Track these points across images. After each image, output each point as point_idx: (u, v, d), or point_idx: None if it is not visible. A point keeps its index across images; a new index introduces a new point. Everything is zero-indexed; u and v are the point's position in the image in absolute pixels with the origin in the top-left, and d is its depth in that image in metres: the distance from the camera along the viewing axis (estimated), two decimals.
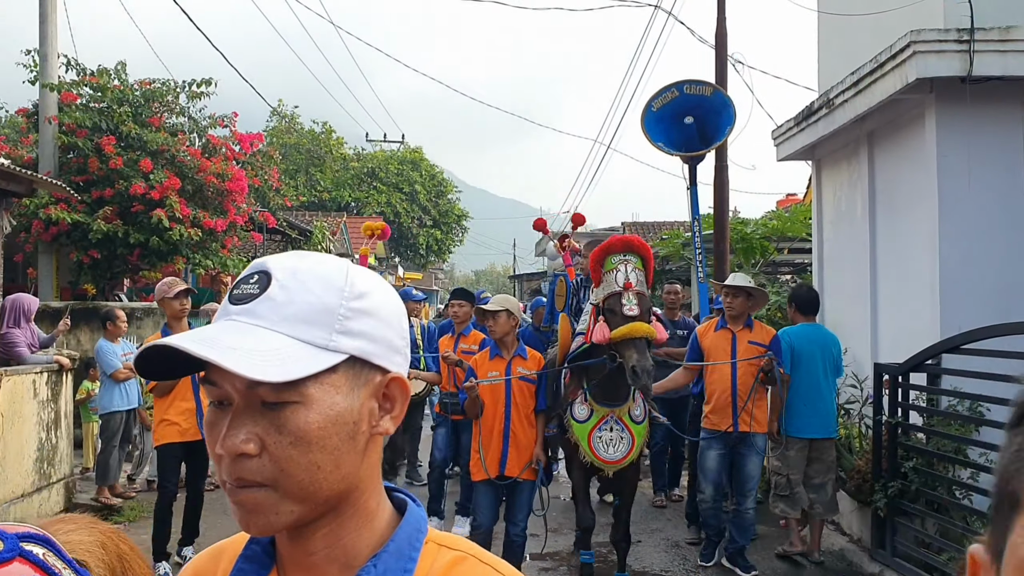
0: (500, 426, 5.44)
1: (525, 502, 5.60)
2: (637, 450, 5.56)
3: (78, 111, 12.02)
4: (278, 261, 1.02)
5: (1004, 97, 6.62)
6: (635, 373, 4.91)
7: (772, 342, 6.36)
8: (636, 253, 5.26)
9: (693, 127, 8.96)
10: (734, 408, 6.28)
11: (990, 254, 6.63)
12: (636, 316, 5.03)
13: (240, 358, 0.92)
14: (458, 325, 7.59)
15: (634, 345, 4.96)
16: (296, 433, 0.96)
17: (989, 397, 5.58)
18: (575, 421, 5.53)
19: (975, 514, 5.76)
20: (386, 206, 36.36)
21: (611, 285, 5.16)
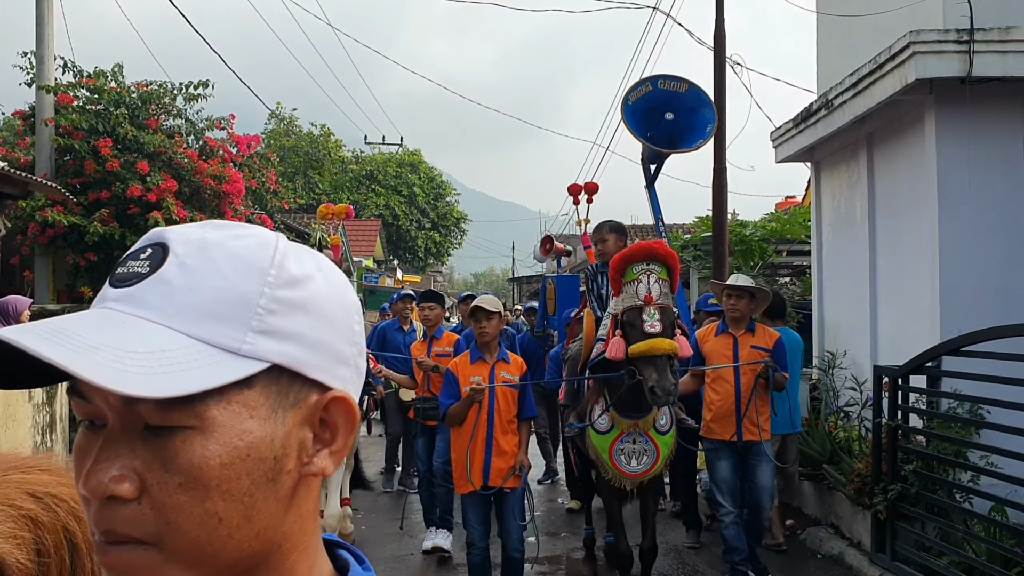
0: (483, 433, 5.12)
1: (514, 512, 5.30)
2: (663, 462, 5.30)
3: (75, 113, 11.98)
4: (182, 231, 0.77)
5: (1004, 98, 6.59)
6: (653, 394, 4.61)
7: (776, 346, 6.11)
8: (660, 262, 4.86)
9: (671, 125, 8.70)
10: (738, 416, 6.01)
11: (990, 256, 6.60)
12: (657, 333, 4.67)
13: (102, 363, 0.66)
14: (429, 328, 7.22)
15: (653, 364, 4.63)
16: (189, 471, 0.69)
17: (990, 400, 5.54)
18: (595, 432, 5.25)
19: (976, 517, 5.73)
20: (384, 209, 36.31)
21: (631, 297, 4.81)
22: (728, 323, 6.24)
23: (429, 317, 7.17)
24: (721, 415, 6.06)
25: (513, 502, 5.25)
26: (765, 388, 6.02)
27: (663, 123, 8.49)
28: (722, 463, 6.12)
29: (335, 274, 0.82)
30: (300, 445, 0.76)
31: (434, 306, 7.22)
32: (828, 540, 7.09)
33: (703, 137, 8.53)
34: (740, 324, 6.19)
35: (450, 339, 7.11)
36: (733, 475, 6.11)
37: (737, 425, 6.01)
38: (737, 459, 6.11)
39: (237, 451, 0.71)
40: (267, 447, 0.73)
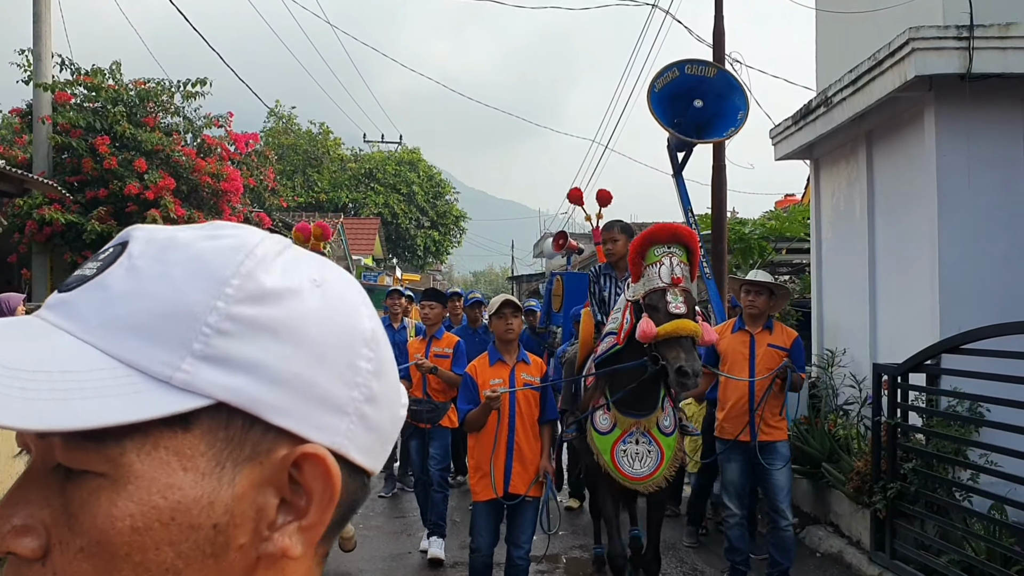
0: (504, 439, 4.87)
1: (530, 522, 5.02)
2: (667, 464, 4.99)
3: (72, 111, 11.95)
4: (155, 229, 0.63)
5: (1004, 95, 6.56)
6: (683, 373, 4.35)
7: (793, 345, 5.94)
8: (682, 244, 4.64)
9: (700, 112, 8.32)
10: (751, 417, 5.85)
11: (990, 254, 6.58)
12: (683, 314, 4.46)
13: None
14: (429, 328, 7.03)
15: (679, 345, 4.42)
16: (91, 532, 0.54)
17: (989, 398, 5.52)
18: (596, 433, 5.00)
19: (975, 516, 5.70)
20: (383, 207, 36.29)
21: (653, 280, 4.56)
22: (745, 320, 6.06)
23: (429, 316, 6.99)
24: (734, 414, 5.92)
25: (530, 511, 5.00)
26: (781, 388, 5.85)
27: (691, 110, 8.16)
28: (733, 465, 5.96)
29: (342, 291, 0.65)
30: (258, 513, 0.59)
31: (435, 305, 7.04)
32: (827, 539, 7.07)
33: (734, 125, 8.22)
34: (758, 321, 6.00)
35: (450, 340, 6.96)
36: (742, 477, 5.95)
37: (751, 425, 5.85)
38: (747, 461, 5.91)
39: (157, 512, 0.54)
40: (203, 511, 0.56)
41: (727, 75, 8.53)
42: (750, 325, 6.01)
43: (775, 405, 5.88)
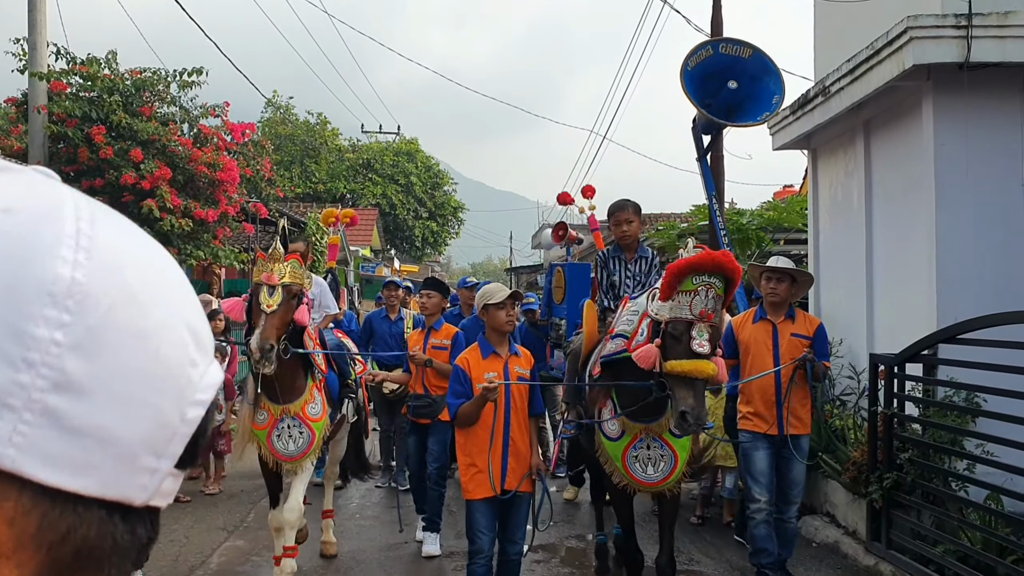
0: (500, 434, 4.71)
1: (523, 517, 4.93)
2: (682, 467, 4.83)
3: (68, 100, 11.88)
4: None
5: (1002, 84, 6.54)
6: (683, 418, 4.15)
7: (816, 333, 5.81)
8: (723, 276, 4.28)
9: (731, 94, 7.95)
10: (779, 408, 5.70)
11: (988, 244, 6.56)
12: (704, 355, 4.18)
13: None
14: (428, 318, 6.81)
15: (692, 387, 4.17)
16: None
17: (986, 388, 5.51)
18: (606, 439, 4.86)
19: (971, 506, 5.70)
20: (381, 198, 36.23)
21: (682, 309, 4.25)
22: (767, 309, 5.86)
23: (427, 306, 6.77)
24: (761, 407, 5.78)
25: (524, 506, 4.90)
26: (804, 379, 5.69)
27: (723, 91, 7.82)
28: (760, 454, 5.80)
29: (35, 225, 0.46)
30: None
31: (432, 294, 6.79)
32: (823, 529, 7.07)
33: (768, 109, 7.85)
34: (779, 310, 5.81)
35: (449, 331, 6.76)
36: (771, 468, 5.81)
37: (778, 418, 5.72)
38: (775, 451, 5.80)
39: None
40: None
41: (763, 56, 8.10)
42: (772, 314, 5.82)
43: (802, 396, 5.75)
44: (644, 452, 4.74)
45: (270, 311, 4.95)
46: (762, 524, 5.73)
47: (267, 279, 5.01)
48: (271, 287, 5.00)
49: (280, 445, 5.39)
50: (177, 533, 7.24)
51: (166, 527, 7.36)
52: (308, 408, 5.47)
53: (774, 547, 5.75)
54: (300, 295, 5.21)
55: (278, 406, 5.37)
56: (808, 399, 5.82)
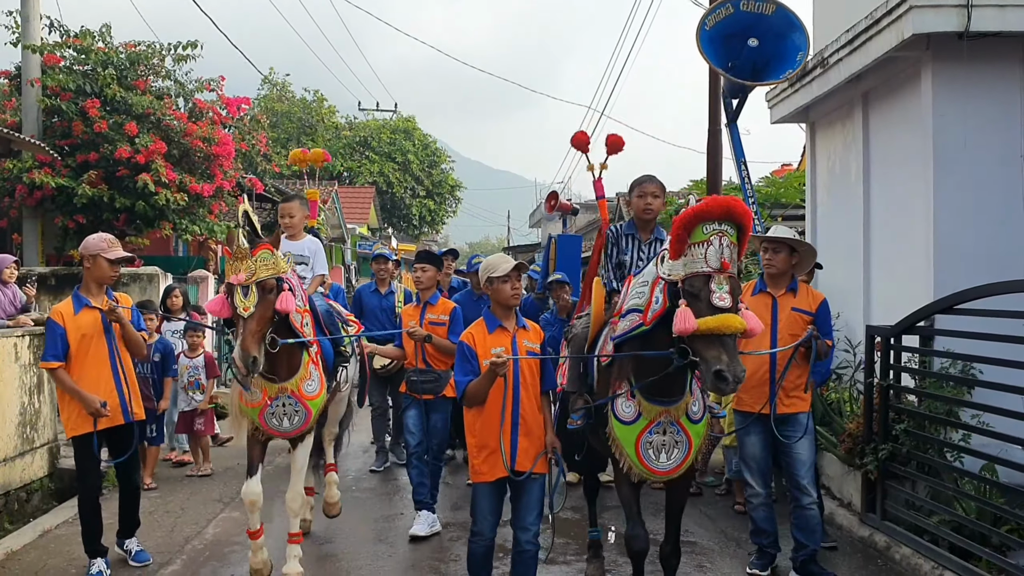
0: (510, 412, 4.39)
1: (536, 501, 4.53)
2: (695, 455, 4.49)
3: (61, 73, 11.83)
4: None
5: (1002, 54, 6.50)
6: (721, 378, 3.76)
7: (819, 309, 5.46)
8: (735, 222, 3.96)
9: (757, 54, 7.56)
10: (772, 387, 5.38)
11: (985, 215, 6.55)
12: (727, 308, 3.85)
13: None
14: (423, 292, 6.53)
15: (721, 344, 3.81)
16: None
17: (982, 358, 5.51)
18: (618, 422, 4.44)
19: (966, 476, 5.71)
20: (378, 176, 36.12)
21: (698, 262, 3.91)
22: (767, 281, 5.55)
23: (422, 280, 6.51)
24: (753, 384, 5.37)
25: (536, 490, 4.52)
26: (805, 357, 5.32)
27: (746, 51, 7.42)
28: (752, 438, 5.51)
29: None
30: None
31: (427, 267, 6.54)
32: None
33: (792, 66, 7.42)
34: (780, 283, 5.49)
35: (446, 306, 6.52)
36: (764, 452, 5.52)
37: (771, 396, 5.38)
38: (769, 434, 5.43)
39: None
40: None
41: (787, 12, 7.65)
42: (772, 287, 5.50)
43: (799, 375, 5.38)
44: (659, 438, 4.36)
45: (247, 315, 4.66)
46: (760, 507, 5.55)
47: (236, 280, 4.70)
48: (244, 288, 4.70)
49: (274, 422, 5.18)
50: (173, 504, 7.25)
51: (162, 499, 7.40)
52: (305, 386, 5.20)
53: (774, 528, 5.56)
54: (279, 285, 4.86)
55: (274, 385, 5.10)
56: (806, 374, 5.41)
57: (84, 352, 5.37)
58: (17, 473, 7.17)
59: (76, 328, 5.34)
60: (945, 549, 5.52)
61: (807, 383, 5.42)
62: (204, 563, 5.85)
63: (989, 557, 5.17)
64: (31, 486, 7.40)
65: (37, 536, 6.37)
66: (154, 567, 5.72)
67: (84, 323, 5.37)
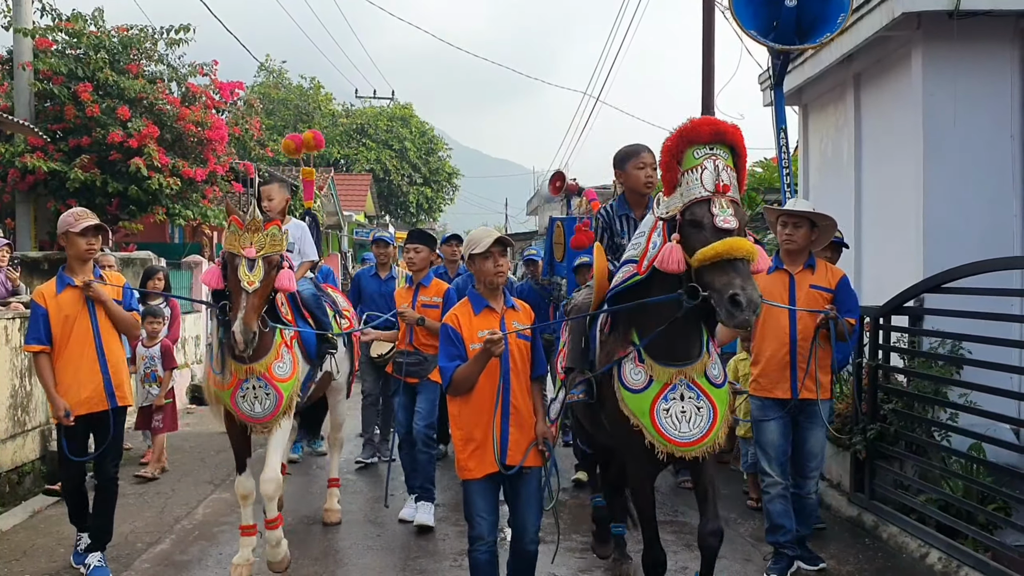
0: (500, 400, 4.02)
1: (534, 496, 4.13)
2: (722, 422, 3.95)
3: (53, 57, 11.79)
4: None
5: (992, 33, 6.49)
6: (736, 304, 3.36)
7: (839, 286, 5.15)
8: (727, 145, 3.62)
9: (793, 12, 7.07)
10: (792, 370, 5.07)
11: (975, 194, 6.55)
12: (733, 230, 3.50)
13: None
14: (416, 274, 6.38)
15: (733, 268, 3.43)
16: None
17: (970, 336, 5.50)
18: (627, 391, 3.95)
19: (954, 454, 5.72)
20: (375, 163, 36.08)
21: (694, 188, 3.57)
22: (783, 258, 5.22)
23: (414, 261, 6.36)
24: (773, 368, 5.14)
25: (533, 484, 4.13)
26: (826, 339, 5.02)
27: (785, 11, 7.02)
28: (771, 424, 5.16)
29: None
30: None
31: (420, 248, 6.38)
32: None
33: (831, 28, 6.97)
34: (797, 260, 5.16)
35: (439, 288, 6.34)
36: (783, 439, 5.18)
37: (792, 380, 5.08)
38: (789, 421, 5.17)
39: None
40: None
41: None
42: (789, 264, 5.17)
43: (821, 357, 5.08)
44: (677, 404, 3.87)
45: (251, 289, 4.57)
46: (777, 499, 5.18)
47: (247, 253, 4.60)
48: (250, 261, 4.60)
49: (245, 406, 4.98)
50: (164, 486, 7.26)
51: (153, 480, 7.39)
52: (275, 367, 5.00)
53: (792, 523, 5.20)
54: (280, 263, 4.80)
55: (242, 365, 4.90)
56: (828, 357, 5.10)
57: (67, 333, 5.12)
58: (8, 455, 7.16)
59: (58, 309, 5.10)
60: (932, 528, 5.53)
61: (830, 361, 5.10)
62: (193, 543, 5.87)
63: (975, 535, 5.19)
64: (23, 468, 7.38)
65: (27, 516, 6.38)
66: (142, 547, 5.73)
67: (66, 303, 5.11)
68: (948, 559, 5.17)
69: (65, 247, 5.26)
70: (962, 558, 5.08)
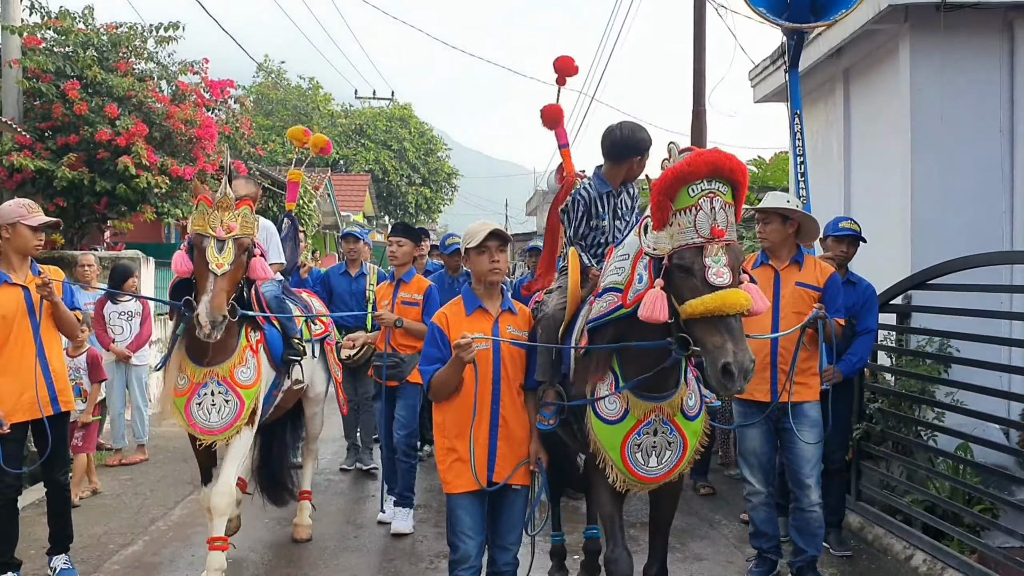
0: (487, 410, 3.75)
1: (518, 517, 3.89)
2: (689, 457, 3.73)
3: (41, 55, 11.69)
4: None
5: (979, 26, 6.42)
6: (727, 374, 3.06)
7: (827, 284, 4.86)
8: (727, 180, 3.24)
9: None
10: (773, 371, 4.81)
11: (963, 189, 6.47)
12: (727, 285, 3.16)
13: None
14: (397, 269, 6.13)
15: (726, 327, 3.11)
16: None
17: (957, 334, 5.40)
18: (599, 421, 3.68)
19: (941, 455, 5.62)
20: (374, 164, 36.02)
21: (686, 232, 3.22)
22: (768, 253, 4.99)
23: (397, 254, 6.09)
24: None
25: (519, 504, 3.89)
26: (813, 339, 4.76)
27: None
28: (751, 431, 4.94)
29: None
30: None
31: (403, 241, 6.11)
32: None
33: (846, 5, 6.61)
34: (781, 255, 4.91)
35: (420, 284, 6.08)
36: (765, 445, 4.96)
37: (772, 382, 4.81)
38: (771, 427, 4.93)
39: None
40: None
41: None
42: (774, 259, 4.94)
43: (805, 358, 4.82)
44: (649, 440, 3.64)
45: (221, 272, 4.27)
46: (760, 507, 5.01)
47: (218, 233, 4.31)
48: (220, 242, 4.30)
49: (200, 415, 4.60)
50: (142, 487, 7.17)
51: (131, 480, 7.33)
52: (237, 372, 4.67)
53: (775, 530, 5.05)
54: (251, 248, 4.50)
55: (200, 368, 4.58)
56: (815, 359, 4.88)
57: (4, 335, 4.67)
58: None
59: None
60: (918, 529, 5.43)
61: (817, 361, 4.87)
62: (167, 544, 5.78)
63: (960, 537, 5.09)
64: None
65: None
66: (115, 547, 5.64)
67: (3, 302, 4.66)
68: (933, 561, 5.08)
69: (7, 237, 4.72)
70: (947, 560, 4.99)
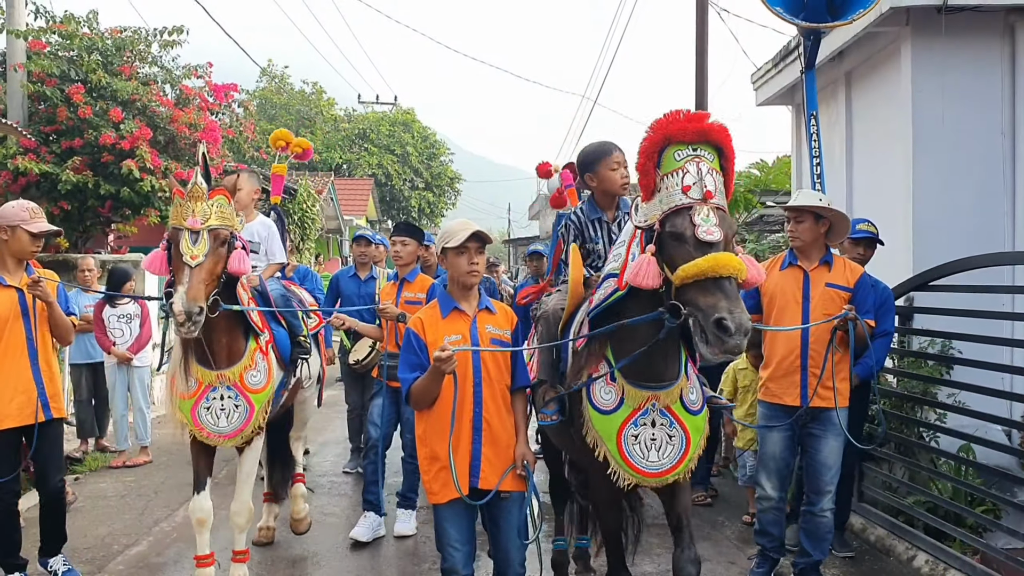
0: (468, 416, 3.60)
1: (516, 525, 3.71)
2: (694, 453, 3.57)
3: (46, 59, 11.74)
4: None
5: (981, 29, 6.43)
6: (723, 328, 2.95)
7: (858, 284, 4.74)
8: (712, 145, 3.17)
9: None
10: (803, 375, 4.69)
11: (964, 191, 6.48)
12: (718, 242, 3.08)
13: None
14: (401, 268, 6.09)
15: (719, 288, 3.01)
16: None
17: (960, 335, 5.41)
18: (595, 411, 3.55)
19: (943, 456, 5.62)
20: (377, 168, 36.10)
21: (675, 194, 3.13)
22: (796, 254, 4.84)
23: (401, 254, 6.04)
24: (783, 372, 4.76)
25: (515, 512, 3.71)
26: (843, 342, 4.63)
27: None
28: (774, 435, 4.82)
29: None
30: None
31: (407, 241, 6.06)
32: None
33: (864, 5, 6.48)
34: (811, 255, 4.78)
35: (423, 283, 6.04)
36: (786, 451, 4.84)
37: (802, 387, 4.68)
38: (795, 434, 4.80)
39: None
40: None
41: None
42: (802, 260, 4.79)
43: (838, 361, 4.64)
44: (647, 431, 3.51)
45: (195, 263, 4.07)
46: (770, 511, 4.92)
47: (190, 224, 4.12)
48: (193, 233, 4.11)
49: (209, 420, 4.49)
50: (146, 488, 7.19)
51: (135, 482, 7.34)
52: (248, 376, 4.57)
53: (781, 532, 4.99)
54: (231, 240, 4.32)
55: (211, 372, 4.47)
56: (846, 362, 4.73)
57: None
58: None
59: None
60: (920, 530, 5.44)
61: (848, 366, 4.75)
62: (170, 544, 5.80)
63: (963, 538, 5.09)
64: None
65: None
66: (119, 548, 5.66)
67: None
68: (935, 562, 5.08)
69: (5, 239, 4.72)
70: (949, 561, 4.99)
